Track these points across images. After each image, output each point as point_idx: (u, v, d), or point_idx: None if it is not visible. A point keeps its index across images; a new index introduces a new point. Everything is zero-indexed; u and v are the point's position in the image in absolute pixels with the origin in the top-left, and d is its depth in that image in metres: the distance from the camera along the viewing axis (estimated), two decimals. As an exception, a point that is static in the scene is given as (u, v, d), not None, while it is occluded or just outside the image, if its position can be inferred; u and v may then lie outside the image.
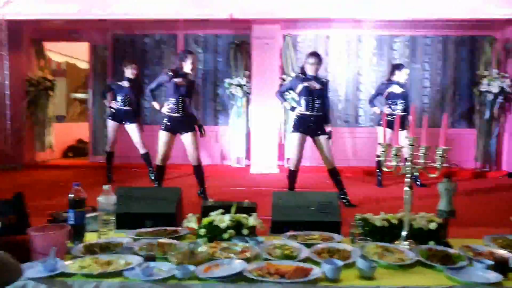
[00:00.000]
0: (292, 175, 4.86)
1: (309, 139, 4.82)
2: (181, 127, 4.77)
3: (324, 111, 4.79)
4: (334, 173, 4.80)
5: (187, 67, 4.76)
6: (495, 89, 6.92)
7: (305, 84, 4.70)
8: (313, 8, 6.65)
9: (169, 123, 4.77)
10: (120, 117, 6.09)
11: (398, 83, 5.85)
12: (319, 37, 7.74)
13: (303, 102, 4.75)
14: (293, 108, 4.89)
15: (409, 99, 5.96)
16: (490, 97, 7.03)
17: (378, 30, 7.52)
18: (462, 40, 7.64)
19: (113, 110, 6.11)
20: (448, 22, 6.98)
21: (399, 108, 5.79)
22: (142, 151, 6.20)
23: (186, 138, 4.79)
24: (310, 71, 4.72)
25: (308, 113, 4.72)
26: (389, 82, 5.94)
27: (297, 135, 4.77)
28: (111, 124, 6.15)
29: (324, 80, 4.83)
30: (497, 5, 6.49)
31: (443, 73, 7.68)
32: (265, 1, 6.67)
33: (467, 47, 7.63)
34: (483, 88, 7.03)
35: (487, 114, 7.13)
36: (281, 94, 5.21)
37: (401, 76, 5.88)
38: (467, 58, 7.64)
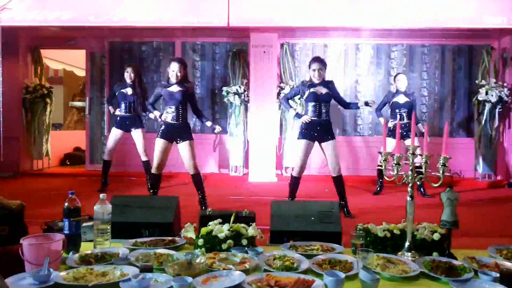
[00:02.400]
0: (295, 182, 4.80)
1: (316, 146, 4.79)
2: (178, 135, 4.71)
3: (329, 116, 4.76)
4: (338, 181, 4.74)
5: (172, 75, 4.66)
6: (493, 98, 6.92)
7: (312, 90, 4.67)
8: (311, 17, 6.66)
9: (165, 131, 4.73)
10: (125, 124, 6.01)
11: (404, 93, 5.87)
12: (317, 46, 7.74)
13: (310, 108, 4.71)
14: (298, 115, 4.86)
15: (414, 109, 5.97)
16: (488, 106, 7.02)
17: (376, 39, 7.55)
18: (459, 49, 7.66)
19: (118, 119, 6.04)
20: (446, 31, 7.00)
21: (404, 117, 5.81)
22: (143, 158, 6.13)
23: (183, 147, 4.71)
24: (315, 77, 4.69)
25: (315, 119, 4.69)
26: (396, 92, 5.96)
27: (303, 142, 4.72)
28: (115, 132, 6.07)
29: (329, 83, 4.78)
30: (492, 15, 6.52)
31: (441, 82, 7.68)
32: (263, 9, 6.67)
33: (465, 56, 7.66)
34: (481, 97, 7.03)
35: (486, 123, 7.12)
36: (287, 100, 5.16)
37: (400, 84, 5.89)
38: (465, 67, 7.66)
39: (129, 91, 5.96)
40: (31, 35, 7.79)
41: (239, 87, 7.36)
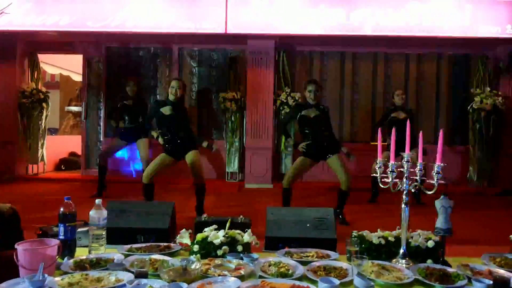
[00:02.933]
0: (286, 193, 4.78)
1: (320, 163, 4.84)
2: (183, 150, 4.74)
3: (329, 135, 4.75)
4: (343, 195, 4.72)
5: (171, 91, 4.72)
6: (488, 107, 6.97)
7: (303, 113, 4.69)
8: (308, 25, 6.70)
9: (169, 148, 4.75)
10: (129, 135, 6.08)
11: (402, 109, 5.88)
12: (314, 53, 7.78)
13: (306, 132, 4.74)
14: (296, 145, 4.91)
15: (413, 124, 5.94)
16: (483, 114, 7.07)
17: (372, 47, 7.59)
18: (455, 58, 7.73)
19: (122, 130, 6.13)
20: (441, 40, 7.06)
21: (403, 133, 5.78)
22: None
23: (190, 158, 4.72)
24: (310, 98, 4.70)
25: (310, 142, 4.69)
26: (394, 107, 5.96)
27: (301, 157, 4.77)
28: (118, 142, 6.17)
29: (324, 107, 4.80)
30: (487, 24, 6.59)
31: (436, 90, 7.74)
32: (260, 16, 6.71)
33: (460, 65, 7.72)
34: (476, 105, 7.09)
35: (480, 132, 7.17)
36: (285, 127, 5.20)
37: (398, 99, 5.91)
38: (460, 76, 7.73)
39: (130, 102, 6.08)
40: (28, 39, 7.79)
41: (236, 93, 7.38)
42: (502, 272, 1.94)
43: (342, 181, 4.66)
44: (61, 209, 2.17)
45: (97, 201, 2.28)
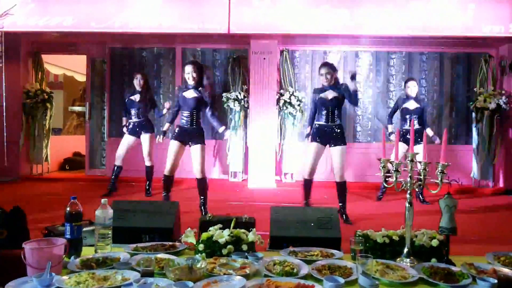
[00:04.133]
0: (307, 184, 4.85)
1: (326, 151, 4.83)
2: (191, 138, 4.78)
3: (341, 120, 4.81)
4: (340, 187, 4.77)
5: (188, 77, 4.74)
6: (491, 105, 6.96)
7: (321, 95, 4.74)
8: (311, 24, 6.71)
9: (179, 133, 4.79)
10: (136, 130, 6.20)
11: (414, 98, 5.89)
12: (316, 53, 7.79)
13: (321, 113, 4.76)
14: (307, 135, 4.95)
15: (424, 114, 5.94)
16: (486, 113, 7.06)
17: (375, 46, 7.59)
18: (458, 57, 7.71)
19: (130, 125, 6.22)
20: (444, 39, 7.06)
21: (415, 123, 5.79)
22: (147, 163, 6.28)
23: (195, 150, 4.78)
24: (324, 81, 4.74)
25: (326, 123, 4.72)
26: (406, 97, 5.98)
27: (313, 145, 4.77)
28: (127, 138, 6.23)
29: (341, 86, 4.78)
30: (490, 23, 6.58)
31: (440, 89, 7.73)
32: (263, 16, 6.72)
33: (463, 64, 7.71)
34: (479, 104, 7.07)
35: (484, 131, 7.16)
36: (313, 114, 5.02)
37: (410, 90, 5.92)
38: (463, 75, 7.71)
39: (137, 97, 6.15)
40: (32, 40, 7.83)
41: (239, 93, 7.40)
42: (506, 270, 1.95)
43: (336, 173, 4.73)
44: (68, 209, 2.19)
45: (103, 200, 2.29)
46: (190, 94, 4.76)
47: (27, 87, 7.79)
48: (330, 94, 4.71)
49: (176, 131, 4.84)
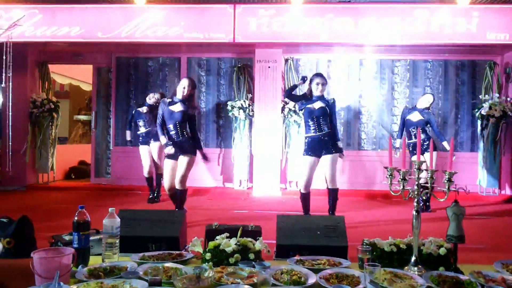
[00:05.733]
0: (304, 198, 4.83)
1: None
2: (182, 149, 4.73)
3: (331, 129, 4.76)
4: (330, 193, 4.77)
5: (179, 89, 4.72)
6: (497, 113, 6.94)
7: (308, 105, 4.75)
8: (315, 33, 6.74)
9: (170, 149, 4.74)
10: (147, 139, 6.34)
11: (418, 110, 5.87)
12: (320, 61, 7.82)
13: (308, 124, 4.78)
14: (304, 95, 4.92)
15: (432, 125, 5.89)
16: (492, 121, 7.04)
17: (379, 54, 7.61)
18: (462, 64, 7.72)
19: (140, 136, 6.37)
20: (448, 46, 7.07)
21: (416, 134, 5.78)
22: (146, 168, 6.38)
23: (182, 159, 4.69)
24: (315, 91, 4.76)
25: (314, 134, 4.73)
26: (411, 108, 5.97)
27: (308, 158, 4.76)
28: (143, 149, 6.38)
29: (329, 100, 4.84)
30: (495, 31, 6.59)
31: (444, 97, 7.73)
32: (268, 26, 6.76)
33: (468, 71, 7.71)
34: (485, 111, 7.06)
35: (489, 138, 7.13)
36: (290, 93, 5.06)
37: (422, 102, 5.92)
38: (468, 82, 7.71)
39: (144, 109, 6.37)
40: (38, 50, 7.91)
41: (244, 101, 7.43)
42: (515, 279, 1.93)
43: (329, 180, 4.72)
44: (75, 218, 2.19)
45: (111, 209, 2.30)
46: (177, 108, 4.69)
47: (34, 96, 7.86)
48: (317, 105, 4.73)
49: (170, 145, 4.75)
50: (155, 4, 6.82)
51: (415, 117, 5.86)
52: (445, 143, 5.78)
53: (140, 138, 6.40)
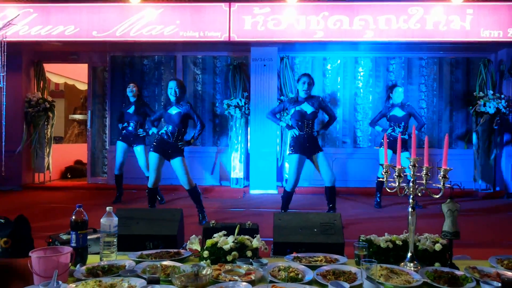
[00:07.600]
0: (287, 196, 4.85)
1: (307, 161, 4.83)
2: (170, 152, 4.77)
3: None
4: (330, 191, 4.77)
5: (170, 93, 4.79)
6: (491, 109, 6.99)
7: (297, 108, 4.78)
8: (310, 31, 6.75)
9: (158, 145, 4.79)
10: (129, 139, 6.18)
11: (399, 106, 5.91)
12: (316, 59, 7.83)
13: (299, 124, 4.81)
14: (289, 127, 4.92)
15: (411, 121, 5.96)
16: (486, 117, 7.09)
17: (374, 52, 7.63)
18: (457, 61, 7.76)
19: (125, 132, 6.21)
20: (443, 44, 7.09)
21: (400, 130, 5.82)
22: (147, 173, 6.26)
23: (176, 163, 4.78)
24: (302, 92, 4.78)
25: (302, 133, 4.76)
26: (392, 105, 5.99)
27: (294, 157, 4.77)
28: (120, 145, 6.22)
29: (316, 101, 4.85)
30: (489, 28, 6.62)
31: (439, 94, 7.76)
32: (263, 24, 6.77)
33: (462, 68, 7.75)
34: (479, 108, 7.10)
35: (484, 135, 7.18)
36: (274, 115, 5.16)
37: (395, 97, 5.93)
38: (463, 79, 7.75)
39: (131, 109, 6.17)
40: (33, 49, 7.88)
41: (240, 100, 7.43)
42: (510, 274, 1.96)
43: (327, 178, 4.73)
44: (73, 217, 2.20)
45: (108, 208, 2.31)
46: (174, 110, 4.79)
47: (29, 96, 7.83)
48: (308, 108, 4.78)
49: (156, 142, 4.82)
50: (150, 3, 6.81)
51: (398, 112, 5.90)
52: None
53: (125, 134, 6.20)
